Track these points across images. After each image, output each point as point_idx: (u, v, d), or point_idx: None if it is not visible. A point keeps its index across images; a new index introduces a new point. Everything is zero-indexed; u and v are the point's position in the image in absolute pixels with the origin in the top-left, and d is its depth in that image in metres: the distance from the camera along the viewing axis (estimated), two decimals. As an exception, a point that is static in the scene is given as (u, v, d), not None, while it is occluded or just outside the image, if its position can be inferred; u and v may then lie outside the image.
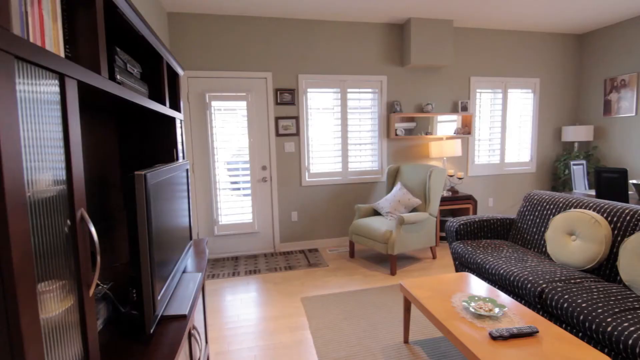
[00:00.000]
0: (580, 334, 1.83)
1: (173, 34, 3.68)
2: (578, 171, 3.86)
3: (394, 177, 4.12)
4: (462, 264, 2.80)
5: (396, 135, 4.28)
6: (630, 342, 1.55)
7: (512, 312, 1.77)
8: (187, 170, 1.80)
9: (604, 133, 4.65)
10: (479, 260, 2.57)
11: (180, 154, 2.06)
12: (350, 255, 3.89)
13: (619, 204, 2.34)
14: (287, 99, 4.02)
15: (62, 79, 0.74)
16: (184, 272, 1.70)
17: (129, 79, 1.24)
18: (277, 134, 4.04)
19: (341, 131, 4.22)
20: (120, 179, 1.74)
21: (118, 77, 1.13)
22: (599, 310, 1.75)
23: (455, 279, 2.21)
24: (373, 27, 4.17)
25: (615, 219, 2.28)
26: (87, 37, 0.92)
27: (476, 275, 2.60)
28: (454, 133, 4.50)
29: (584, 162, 3.89)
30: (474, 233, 2.98)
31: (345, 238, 4.41)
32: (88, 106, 1.37)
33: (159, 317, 1.16)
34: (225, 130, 3.90)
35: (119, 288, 1.43)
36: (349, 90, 4.20)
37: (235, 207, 4.02)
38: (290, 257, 3.95)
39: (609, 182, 2.97)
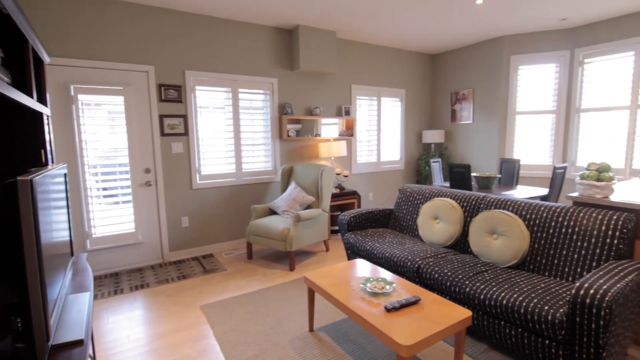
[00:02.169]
0: (448, 297, 2.26)
1: (25, 10, 3.02)
2: (436, 167, 4.68)
3: (288, 176, 4.26)
4: (354, 252, 3.11)
5: (288, 136, 4.43)
6: (482, 297, 2.00)
7: (399, 287, 2.08)
8: (65, 175, 1.54)
9: (452, 136, 5.75)
10: (368, 247, 2.90)
11: (50, 157, 1.74)
12: (248, 257, 3.87)
13: (467, 192, 2.96)
14: (173, 95, 3.74)
15: None
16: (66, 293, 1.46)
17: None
18: (163, 134, 3.72)
19: (234, 131, 4.15)
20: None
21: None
22: (460, 276, 2.20)
23: (351, 266, 2.45)
24: (264, 29, 4.23)
25: (465, 204, 2.88)
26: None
27: (367, 260, 2.92)
28: (339, 135, 4.91)
29: (439, 159, 4.75)
30: (362, 224, 3.34)
31: (242, 240, 4.35)
32: None
33: (50, 347, 0.99)
34: (98, 129, 3.39)
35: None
36: (240, 90, 4.15)
37: (112, 216, 3.53)
38: (183, 266, 3.69)
39: (459, 176, 3.71)
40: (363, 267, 2.43)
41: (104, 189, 3.48)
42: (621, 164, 4.21)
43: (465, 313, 1.78)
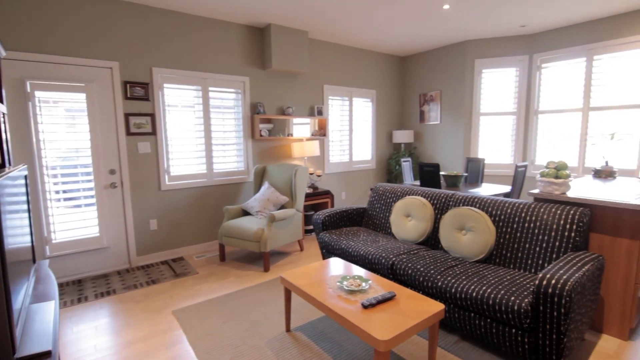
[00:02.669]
0: (422, 291, 2.33)
1: (-33, -1, 2.79)
2: (406, 166, 4.81)
3: (261, 176, 4.21)
4: (329, 251, 3.13)
5: (261, 136, 4.38)
6: (453, 290, 2.08)
7: (375, 284, 2.12)
8: (26, 177, 1.44)
9: (421, 136, 5.92)
10: (343, 246, 2.93)
11: (7, 157, 1.62)
12: (221, 259, 3.79)
13: (437, 190, 3.07)
14: (140, 93, 3.59)
15: None
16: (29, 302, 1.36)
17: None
18: (129, 133, 3.57)
19: (204, 131, 4.05)
20: None
21: None
22: (432, 272, 2.28)
23: (326, 265, 2.47)
24: (235, 27, 4.16)
25: (435, 201, 2.98)
26: None
27: (342, 258, 2.95)
28: (312, 135, 4.92)
29: (409, 159, 4.88)
30: (336, 223, 3.37)
31: (214, 242, 4.26)
32: None
33: None
34: (57, 128, 3.19)
35: None
36: (210, 88, 4.06)
37: (74, 220, 3.34)
38: (152, 270, 3.56)
39: (428, 174, 3.84)
40: (339, 266, 2.45)
41: (65, 191, 3.29)
42: (575, 162, 4.52)
43: (438, 306, 1.85)
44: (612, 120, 4.18)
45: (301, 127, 4.82)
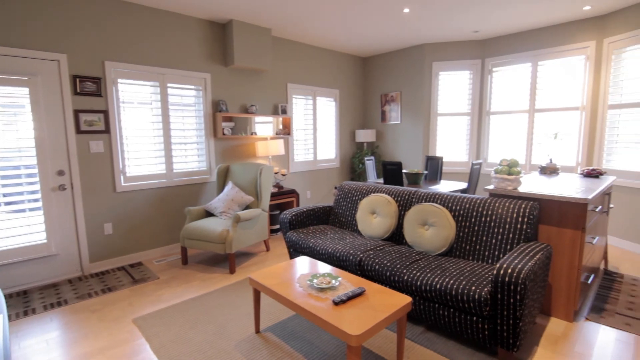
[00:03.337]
0: (389, 286, 2.40)
1: None
2: (370, 165, 4.92)
3: (224, 176, 4.11)
4: (297, 250, 3.12)
5: (224, 134, 4.27)
6: (418, 283, 2.17)
7: (345, 281, 2.15)
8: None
9: (383, 135, 6.08)
10: (311, 244, 2.94)
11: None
12: (183, 262, 3.65)
13: (400, 188, 3.17)
14: (91, 88, 3.36)
15: None
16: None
17: None
18: (79, 131, 3.32)
19: (163, 129, 3.87)
20: None
21: None
22: (398, 266, 2.35)
23: (295, 264, 2.46)
24: (196, 22, 4.01)
25: (399, 198, 3.07)
26: None
27: (310, 257, 2.95)
28: (276, 134, 4.88)
29: (372, 157, 5.00)
30: (303, 222, 3.37)
31: (175, 245, 4.09)
32: None
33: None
34: (-5, 125, 2.90)
35: None
36: (169, 84, 3.88)
37: (16, 226, 3.05)
38: (108, 278, 3.35)
39: (391, 172, 3.95)
40: (307, 264, 2.46)
41: (5, 195, 2.99)
42: (523, 160, 4.87)
43: (405, 299, 1.91)
44: (555, 121, 4.56)
45: (265, 126, 4.76)
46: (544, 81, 4.61)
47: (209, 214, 3.87)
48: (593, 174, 3.21)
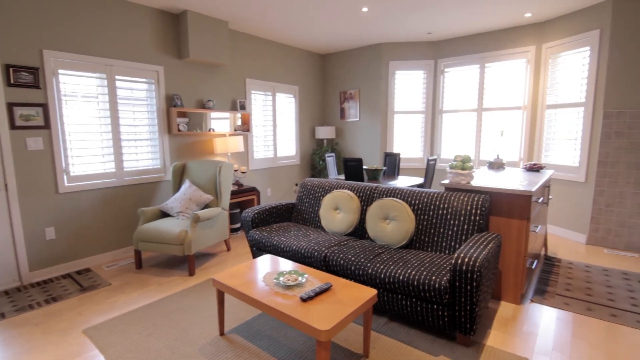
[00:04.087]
0: (354, 279, 2.44)
1: None
2: (330, 161, 4.96)
3: (180, 174, 3.93)
4: (260, 249, 3.07)
5: (179, 130, 4.08)
6: (382, 275, 2.23)
7: (311, 277, 2.16)
8: None
9: (342, 132, 6.16)
10: (274, 242, 2.91)
11: None
12: (137, 266, 3.44)
13: (362, 184, 3.24)
14: (27, 80, 3.04)
15: None
16: None
17: None
18: (14, 126, 3.00)
19: (112, 124, 3.61)
20: None
21: None
22: (362, 260, 2.40)
23: (259, 263, 2.42)
24: (147, 11, 3.77)
25: (361, 194, 3.14)
26: None
27: (274, 255, 2.92)
28: (234, 130, 4.76)
29: (333, 154, 5.05)
30: (266, 220, 3.32)
31: (128, 248, 3.84)
32: None
33: None
34: None
35: None
36: (117, 77, 3.63)
37: (-62, 233, 2.70)
38: (52, 286, 3.07)
39: (352, 169, 4.02)
40: (272, 263, 2.43)
41: None
42: (472, 155, 5.19)
43: (371, 292, 1.96)
44: (501, 119, 4.91)
45: (223, 122, 4.62)
46: (491, 82, 4.94)
47: (164, 214, 3.68)
48: (534, 168, 3.50)
